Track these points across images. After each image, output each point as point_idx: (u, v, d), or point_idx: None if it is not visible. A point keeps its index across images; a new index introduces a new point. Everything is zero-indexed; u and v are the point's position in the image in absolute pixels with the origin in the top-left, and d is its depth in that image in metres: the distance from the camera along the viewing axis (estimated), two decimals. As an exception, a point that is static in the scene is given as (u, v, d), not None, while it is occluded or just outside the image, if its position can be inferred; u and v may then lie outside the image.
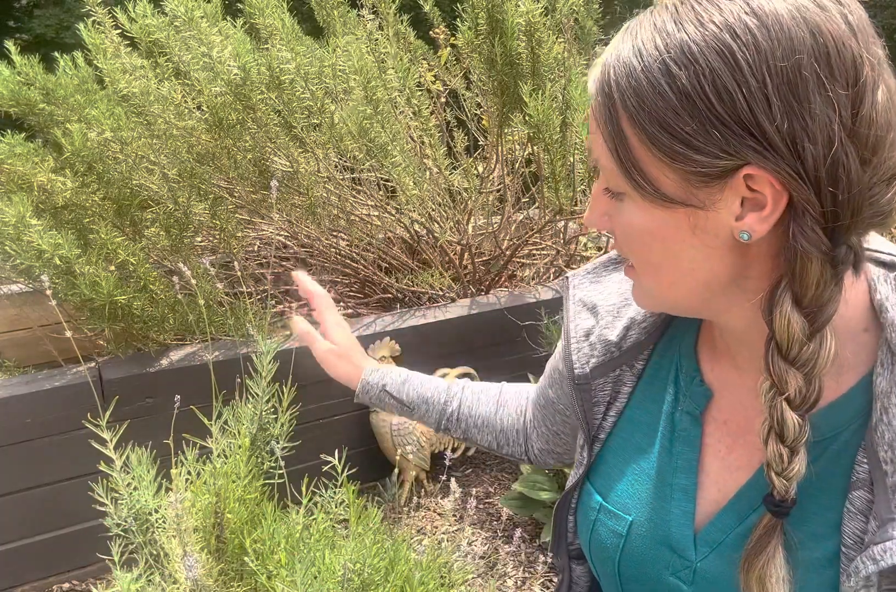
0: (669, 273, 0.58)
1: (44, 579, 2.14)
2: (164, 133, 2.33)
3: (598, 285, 0.77)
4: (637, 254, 0.59)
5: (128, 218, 2.33)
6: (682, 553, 0.65)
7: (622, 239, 0.60)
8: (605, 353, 0.73)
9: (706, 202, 0.52)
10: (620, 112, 0.53)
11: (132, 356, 2.25)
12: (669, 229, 0.55)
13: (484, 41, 2.41)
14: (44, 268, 1.96)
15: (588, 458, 0.74)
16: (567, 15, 2.53)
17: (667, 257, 0.57)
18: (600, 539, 0.71)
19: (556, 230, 3.09)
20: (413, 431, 2.41)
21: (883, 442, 0.55)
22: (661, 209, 0.55)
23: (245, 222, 2.77)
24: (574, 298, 0.77)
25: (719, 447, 0.66)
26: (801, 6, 0.48)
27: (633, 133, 0.53)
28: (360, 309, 2.90)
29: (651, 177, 0.54)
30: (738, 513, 0.63)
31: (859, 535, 0.56)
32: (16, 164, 2.15)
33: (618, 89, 0.53)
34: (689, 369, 0.69)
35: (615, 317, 0.73)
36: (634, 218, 0.57)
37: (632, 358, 0.72)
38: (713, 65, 0.48)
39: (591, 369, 0.73)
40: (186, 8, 2.23)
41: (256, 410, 1.70)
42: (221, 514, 1.46)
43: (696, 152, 0.50)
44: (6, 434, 2.00)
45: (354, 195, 2.76)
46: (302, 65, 2.20)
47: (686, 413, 0.68)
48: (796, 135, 0.48)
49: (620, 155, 0.54)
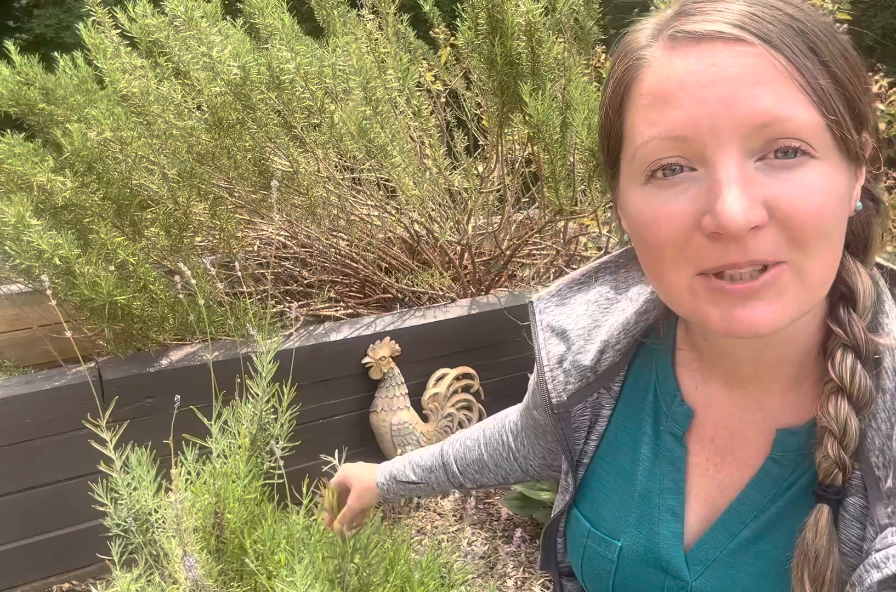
0: (838, 251, 0.53)
1: (44, 579, 2.14)
2: (164, 133, 2.33)
3: (565, 308, 0.74)
4: (818, 228, 0.50)
5: (128, 218, 2.33)
6: (677, 574, 0.64)
7: (798, 215, 0.49)
8: (580, 379, 0.71)
9: (856, 172, 0.54)
10: (822, 64, 0.50)
11: (132, 356, 2.25)
12: (843, 197, 0.52)
13: (484, 41, 2.41)
14: (44, 268, 1.96)
15: (574, 484, 0.73)
16: (567, 15, 2.53)
17: (841, 230, 0.52)
18: (592, 564, 0.71)
19: (556, 230, 3.09)
20: (413, 431, 2.41)
21: (874, 448, 0.55)
22: (841, 172, 0.52)
23: (245, 222, 2.77)
24: (542, 324, 0.73)
25: (707, 466, 0.65)
26: None
27: (832, 87, 0.51)
28: (360, 309, 2.90)
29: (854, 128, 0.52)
30: (728, 530, 0.63)
31: (856, 542, 0.56)
32: (16, 164, 2.15)
33: (818, 43, 0.51)
34: (668, 389, 0.68)
35: (587, 341, 0.71)
36: (826, 181, 0.50)
37: (608, 380, 0.71)
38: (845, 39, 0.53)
39: (568, 396, 0.71)
40: (186, 8, 2.23)
41: (256, 410, 1.70)
42: (221, 514, 1.46)
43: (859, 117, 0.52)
44: (6, 434, 2.00)
45: (354, 195, 2.75)
46: (302, 65, 2.20)
47: (669, 433, 0.67)
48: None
49: (835, 104, 0.50)
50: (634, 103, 0.55)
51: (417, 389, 2.48)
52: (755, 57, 0.49)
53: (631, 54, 0.55)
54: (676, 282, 0.54)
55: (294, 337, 2.37)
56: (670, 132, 0.51)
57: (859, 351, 0.54)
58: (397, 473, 1.01)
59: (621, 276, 0.75)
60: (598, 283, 0.74)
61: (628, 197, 0.57)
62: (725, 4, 0.52)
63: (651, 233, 0.54)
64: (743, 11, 0.51)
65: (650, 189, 0.54)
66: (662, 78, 0.52)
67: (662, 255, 0.54)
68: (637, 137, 0.54)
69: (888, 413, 0.54)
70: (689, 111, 0.50)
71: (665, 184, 0.53)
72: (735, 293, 0.51)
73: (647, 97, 0.53)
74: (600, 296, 0.73)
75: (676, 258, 0.53)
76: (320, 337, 2.37)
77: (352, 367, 2.39)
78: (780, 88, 0.49)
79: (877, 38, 9.27)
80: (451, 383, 2.50)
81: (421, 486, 1.00)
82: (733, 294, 0.51)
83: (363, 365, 2.39)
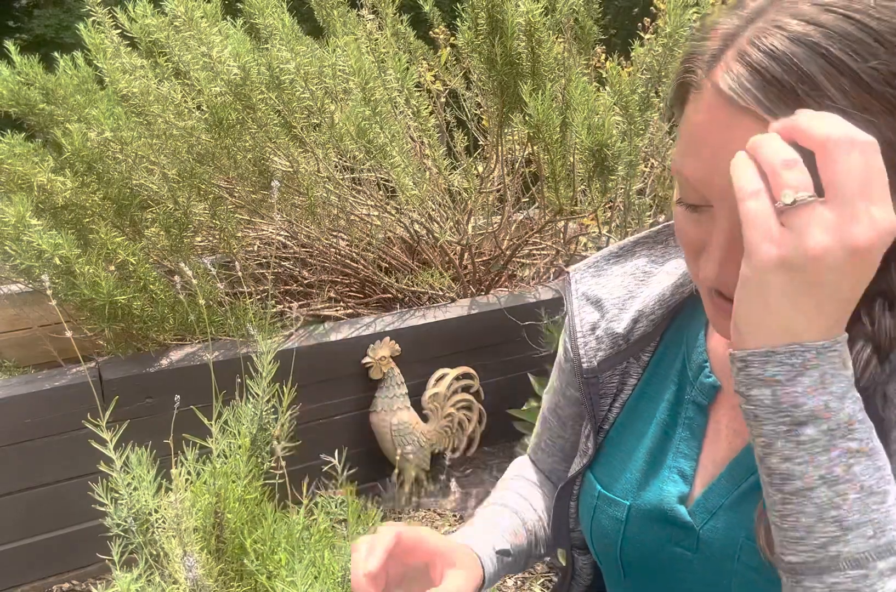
0: None
1: (44, 579, 2.14)
2: (164, 133, 2.33)
3: (601, 278, 0.76)
4: None
5: (128, 218, 2.33)
6: (683, 524, 0.66)
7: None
8: (612, 346, 0.72)
9: None
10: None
11: (132, 356, 2.25)
12: None
13: (484, 41, 2.41)
14: (44, 268, 1.96)
15: (593, 448, 0.74)
16: (567, 15, 2.53)
17: None
18: (601, 526, 0.72)
19: (556, 230, 3.09)
20: (413, 431, 2.41)
21: None
22: None
23: (245, 222, 2.77)
24: (577, 293, 0.76)
25: (727, 432, 0.67)
26: None
27: None
28: (360, 309, 2.90)
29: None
30: (734, 478, 0.64)
31: None
32: (16, 164, 2.15)
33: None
34: (697, 360, 0.70)
35: (621, 310, 0.73)
36: None
37: (639, 350, 0.73)
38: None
39: (598, 362, 0.73)
40: (186, 8, 2.23)
41: (256, 410, 1.70)
42: (221, 514, 1.46)
43: None
44: (6, 434, 2.00)
45: (354, 195, 2.76)
46: (302, 65, 2.20)
47: (693, 403, 0.69)
48: None
49: None
50: (684, 116, 0.54)
51: (417, 389, 2.48)
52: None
53: (698, 59, 0.52)
54: (698, 281, 0.58)
55: (294, 337, 2.37)
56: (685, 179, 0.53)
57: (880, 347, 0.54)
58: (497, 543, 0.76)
59: (658, 251, 0.77)
60: (635, 257, 0.76)
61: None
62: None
63: (678, 238, 0.58)
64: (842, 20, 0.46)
65: (678, 206, 0.56)
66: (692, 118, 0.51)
67: (688, 257, 0.58)
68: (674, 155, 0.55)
69: None
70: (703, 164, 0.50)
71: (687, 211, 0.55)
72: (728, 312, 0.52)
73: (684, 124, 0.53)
74: (637, 268, 0.75)
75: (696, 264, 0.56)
76: (320, 337, 2.37)
77: (352, 367, 2.39)
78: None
79: (877, 38, 9.25)
80: (451, 383, 2.50)
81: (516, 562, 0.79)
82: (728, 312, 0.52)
83: (363, 365, 2.39)
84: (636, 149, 2.39)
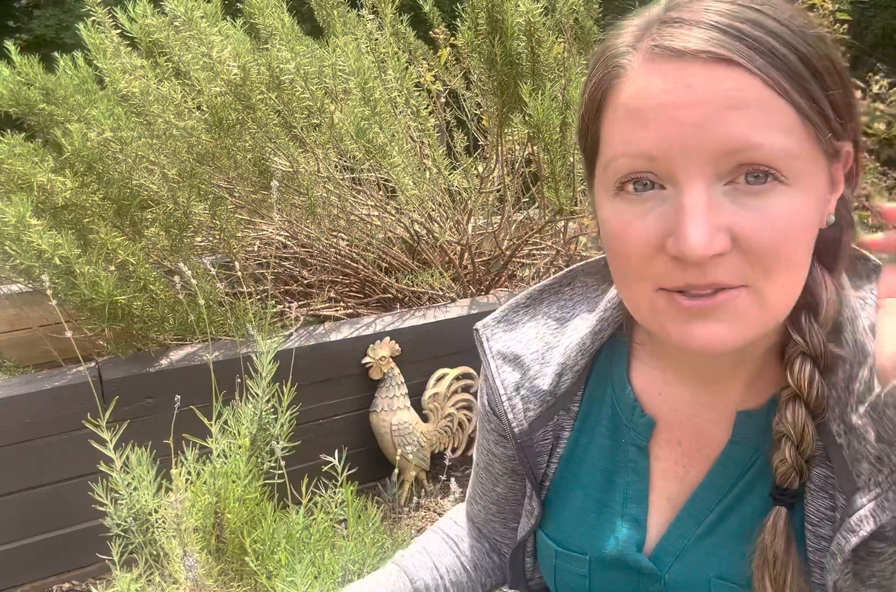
0: (802, 274, 0.53)
1: (44, 579, 2.14)
2: (164, 133, 2.33)
3: (514, 333, 0.72)
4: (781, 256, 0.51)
5: (128, 218, 2.33)
6: (648, 572, 0.65)
7: (762, 243, 0.50)
8: (541, 404, 0.69)
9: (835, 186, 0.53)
10: (806, 87, 0.49)
11: (132, 356, 2.25)
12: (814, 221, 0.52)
13: (484, 41, 2.41)
14: (44, 268, 1.96)
15: (538, 508, 0.72)
16: (567, 15, 2.53)
17: (806, 255, 0.53)
18: (566, 582, 0.71)
19: (556, 230, 3.09)
20: (413, 431, 2.41)
21: (835, 416, 0.56)
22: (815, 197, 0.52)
23: (245, 222, 2.77)
24: (492, 352, 0.71)
25: (676, 469, 0.65)
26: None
27: (813, 106, 0.49)
28: (360, 309, 2.90)
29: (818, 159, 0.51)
30: (693, 517, 0.63)
31: (825, 512, 0.57)
32: (16, 164, 2.15)
33: (799, 63, 0.49)
34: (626, 401, 0.68)
35: (542, 365, 0.69)
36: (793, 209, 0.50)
37: (567, 401, 0.70)
38: (831, 47, 0.51)
39: (529, 423, 0.69)
40: (186, 8, 2.23)
41: (256, 410, 1.70)
42: (221, 514, 1.46)
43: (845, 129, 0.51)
44: (6, 434, 2.00)
45: (354, 195, 2.76)
46: (302, 65, 2.20)
47: (632, 445, 0.67)
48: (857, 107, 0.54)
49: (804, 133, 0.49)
50: (610, 113, 0.54)
51: (417, 389, 2.48)
52: (732, 80, 0.48)
53: (611, 60, 0.54)
54: (639, 293, 0.55)
55: (294, 337, 2.37)
56: (641, 152, 0.51)
57: (818, 360, 0.55)
58: None
59: (566, 294, 0.74)
60: (544, 305, 0.73)
61: (601, 205, 0.57)
62: (710, 15, 0.50)
63: (619, 245, 0.54)
64: (726, 26, 0.49)
65: (620, 202, 0.54)
66: (638, 93, 0.51)
67: (628, 267, 0.54)
68: (609, 150, 0.54)
69: (845, 382, 0.56)
70: (660, 132, 0.49)
71: (635, 199, 0.53)
72: (690, 308, 0.52)
73: (622, 110, 0.52)
74: (548, 317, 0.72)
75: (640, 272, 0.53)
76: (320, 337, 2.37)
77: (352, 367, 2.39)
78: (754, 114, 0.48)
79: (877, 38, 9.26)
80: (451, 383, 2.51)
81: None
82: (689, 309, 0.52)
83: (363, 365, 2.39)
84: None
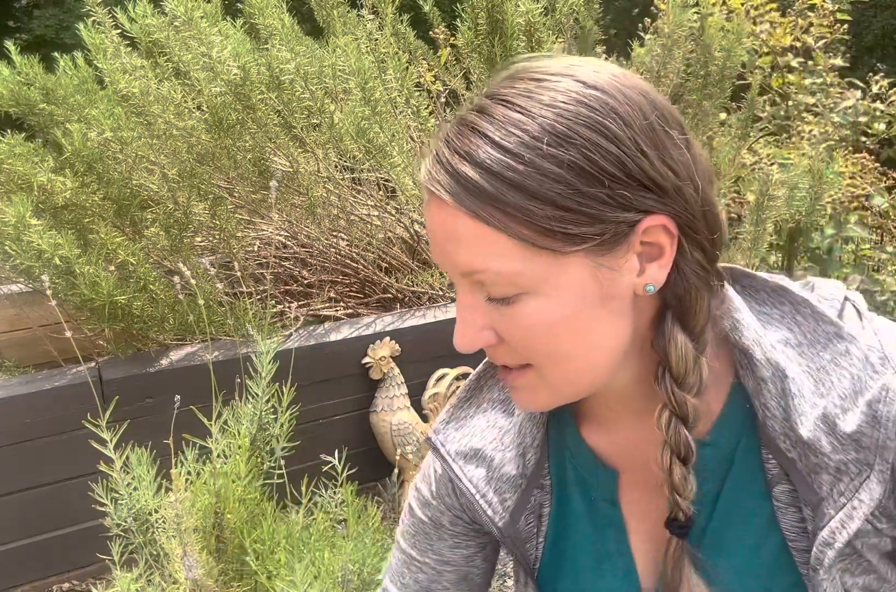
0: (582, 356, 0.56)
1: (44, 579, 2.14)
2: (164, 133, 2.33)
3: (467, 428, 0.71)
4: (542, 350, 0.55)
5: (128, 218, 2.33)
6: None
7: (520, 342, 0.55)
8: (515, 490, 0.68)
9: (612, 268, 0.54)
10: (515, 211, 0.51)
11: (132, 356, 2.25)
12: (581, 310, 0.54)
13: (484, 41, 2.41)
14: (44, 268, 1.96)
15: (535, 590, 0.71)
16: (567, 15, 2.53)
17: (578, 340, 0.55)
18: None
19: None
20: (413, 431, 2.41)
21: (777, 435, 0.58)
22: (572, 290, 0.53)
23: (245, 222, 2.77)
24: (451, 455, 0.70)
25: (649, 509, 0.65)
26: (615, 75, 0.54)
27: (531, 228, 0.51)
28: (360, 309, 2.90)
29: (559, 262, 0.52)
30: None
31: (798, 525, 0.58)
32: (16, 164, 2.15)
33: (506, 188, 0.50)
34: (585, 460, 0.67)
35: (504, 450, 0.69)
36: (542, 312, 0.53)
37: (538, 478, 0.69)
38: (590, 137, 0.51)
39: (511, 514, 0.68)
40: (186, 8, 2.23)
41: (256, 410, 1.70)
42: (221, 514, 1.47)
43: (600, 221, 0.52)
44: (6, 434, 2.00)
45: (354, 195, 2.76)
46: (302, 65, 2.20)
47: (602, 500, 0.67)
48: (675, 178, 0.53)
49: (526, 252, 0.52)
50: None
51: (417, 389, 2.48)
52: (444, 215, 0.53)
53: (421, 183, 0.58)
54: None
55: (294, 337, 2.37)
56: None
57: (675, 412, 0.57)
58: None
59: None
60: (485, 391, 0.73)
61: None
62: (439, 145, 0.54)
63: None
64: (444, 159, 0.53)
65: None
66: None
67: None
68: None
69: (776, 399, 0.57)
70: (433, 249, 0.57)
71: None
72: (502, 380, 0.60)
73: None
74: (494, 402, 0.72)
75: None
76: (320, 337, 2.37)
77: (352, 367, 2.39)
78: (468, 244, 0.52)
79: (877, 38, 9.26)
80: (451, 383, 2.50)
81: None
82: (503, 380, 0.60)
83: (363, 365, 2.39)
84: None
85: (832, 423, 0.55)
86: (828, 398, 0.56)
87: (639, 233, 0.53)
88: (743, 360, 0.59)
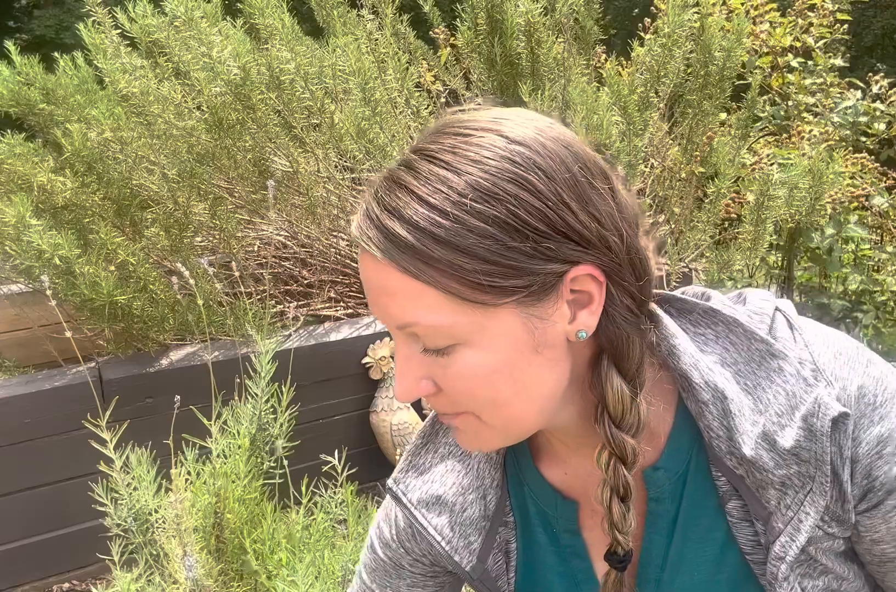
0: (520, 402, 0.57)
1: (44, 579, 2.14)
2: (164, 133, 2.33)
3: (427, 475, 0.71)
4: (480, 398, 0.56)
5: (128, 218, 2.33)
6: None
7: (458, 391, 0.56)
8: (479, 532, 0.69)
9: (543, 317, 0.55)
10: (443, 266, 0.52)
11: (132, 356, 2.25)
12: (516, 358, 0.55)
13: (484, 41, 2.41)
14: (44, 268, 1.96)
15: None
16: (567, 15, 2.53)
17: (516, 387, 0.56)
18: None
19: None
20: (413, 431, 2.41)
21: (723, 453, 0.59)
22: (505, 340, 0.54)
23: (245, 222, 2.77)
24: (414, 504, 0.70)
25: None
26: (540, 128, 0.55)
27: (460, 281, 0.52)
28: (360, 309, 2.90)
29: (490, 313, 0.53)
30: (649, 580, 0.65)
31: (753, 539, 0.60)
32: (16, 164, 2.15)
33: (434, 244, 0.51)
34: (545, 494, 0.68)
35: (465, 494, 0.69)
36: (476, 362, 0.54)
37: (501, 516, 0.70)
38: (514, 192, 0.52)
39: (478, 556, 0.69)
40: (186, 8, 2.23)
41: (256, 410, 1.70)
42: (221, 514, 1.47)
43: (527, 273, 0.52)
44: (6, 434, 2.00)
45: (354, 195, 2.76)
46: (302, 65, 2.20)
47: (564, 532, 0.68)
48: (600, 228, 0.54)
49: (457, 305, 0.53)
50: None
51: (417, 389, 2.48)
52: (376, 269, 0.54)
53: None
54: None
55: (294, 337, 2.37)
56: None
57: (614, 452, 0.58)
58: None
59: None
60: (440, 436, 0.73)
61: None
62: (369, 200, 0.55)
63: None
64: (374, 215, 0.53)
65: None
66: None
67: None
68: None
69: (718, 420, 0.59)
70: (370, 304, 0.58)
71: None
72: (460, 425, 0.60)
73: None
74: (450, 446, 0.72)
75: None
76: (320, 337, 2.37)
77: (352, 367, 2.39)
78: (400, 298, 0.53)
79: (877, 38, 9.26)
80: (451, 383, 2.51)
81: None
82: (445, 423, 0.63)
83: (363, 365, 2.39)
84: (635, 148, 2.39)
85: (772, 440, 0.57)
86: (766, 415, 0.58)
87: (567, 282, 0.54)
88: (684, 384, 0.61)
